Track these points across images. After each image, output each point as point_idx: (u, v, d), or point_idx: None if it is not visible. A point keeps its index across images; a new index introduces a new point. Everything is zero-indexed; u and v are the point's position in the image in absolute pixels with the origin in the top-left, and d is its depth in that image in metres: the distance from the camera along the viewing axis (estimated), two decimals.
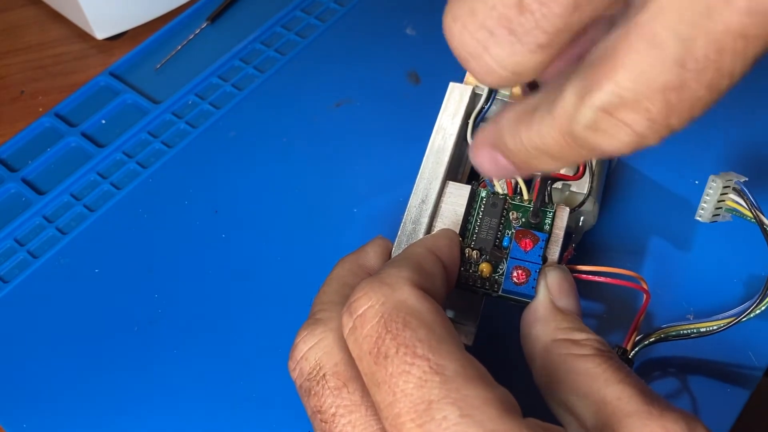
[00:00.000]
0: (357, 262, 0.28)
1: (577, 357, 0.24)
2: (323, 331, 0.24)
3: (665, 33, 0.17)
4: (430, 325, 0.22)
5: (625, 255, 0.37)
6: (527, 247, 0.28)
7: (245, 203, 0.41)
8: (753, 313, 0.29)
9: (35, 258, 0.40)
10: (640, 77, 0.17)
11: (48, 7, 0.54)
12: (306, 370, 0.24)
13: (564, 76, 0.19)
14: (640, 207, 0.39)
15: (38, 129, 0.46)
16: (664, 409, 0.22)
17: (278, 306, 0.37)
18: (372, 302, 0.23)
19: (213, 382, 0.35)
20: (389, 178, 0.41)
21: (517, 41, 0.19)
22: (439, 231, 0.29)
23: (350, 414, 0.23)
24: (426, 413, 0.20)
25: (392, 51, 0.48)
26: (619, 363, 0.24)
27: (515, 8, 0.18)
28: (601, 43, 0.18)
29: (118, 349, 0.36)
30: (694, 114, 0.18)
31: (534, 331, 0.26)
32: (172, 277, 0.38)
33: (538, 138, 0.20)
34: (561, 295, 0.27)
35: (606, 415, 0.22)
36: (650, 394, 0.23)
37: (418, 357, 0.21)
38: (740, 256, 0.36)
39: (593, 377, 0.23)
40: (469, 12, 0.19)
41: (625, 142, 0.18)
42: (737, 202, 0.29)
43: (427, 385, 0.21)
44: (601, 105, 0.18)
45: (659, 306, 0.35)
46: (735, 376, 0.33)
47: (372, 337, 0.22)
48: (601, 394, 0.23)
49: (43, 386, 0.35)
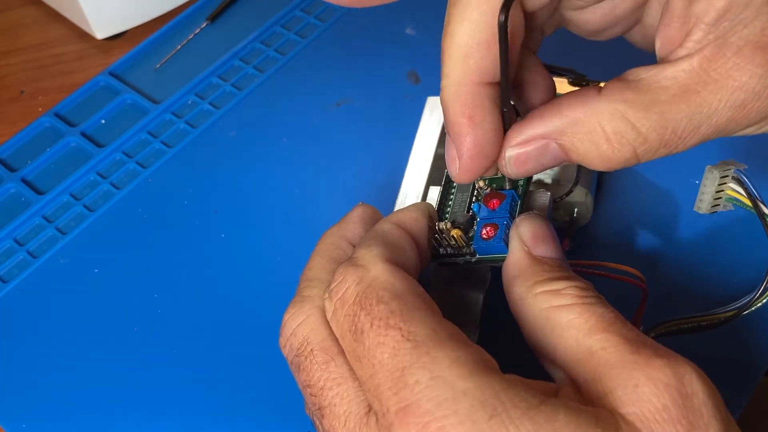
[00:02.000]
0: (339, 234, 0.29)
1: (559, 309, 0.23)
2: (310, 308, 0.25)
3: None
4: (402, 295, 0.23)
5: (622, 249, 0.37)
6: (494, 206, 0.28)
7: (245, 203, 0.41)
8: (754, 305, 0.28)
9: (35, 258, 0.40)
10: None
11: (48, 7, 0.54)
12: (295, 346, 0.25)
13: None
14: (637, 200, 0.39)
15: (38, 129, 0.46)
16: (651, 357, 0.21)
17: (278, 305, 0.37)
18: (348, 284, 0.24)
19: (213, 382, 0.35)
20: (389, 178, 0.41)
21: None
22: (409, 205, 0.29)
23: (338, 386, 0.23)
24: (400, 380, 0.21)
25: (392, 51, 0.48)
26: (602, 309, 0.23)
27: None
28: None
29: (118, 349, 0.36)
30: None
31: (515, 290, 0.25)
32: (172, 277, 0.38)
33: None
34: (537, 243, 0.26)
35: (592, 367, 0.22)
36: (636, 341, 0.22)
37: (391, 327, 0.22)
38: (740, 248, 0.36)
39: (577, 328, 0.22)
40: None
41: None
42: (737, 191, 0.29)
43: (400, 353, 0.21)
44: None
45: (657, 301, 0.35)
46: (735, 376, 0.33)
47: (350, 316, 0.23)
48: (586, 345, 0.22)
49: (43, 386, 0.35)
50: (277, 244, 0.39)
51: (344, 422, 0.23)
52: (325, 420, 0.23)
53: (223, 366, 0.35)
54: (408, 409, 0.20)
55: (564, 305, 0.23)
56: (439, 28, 0.24)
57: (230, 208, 0.41)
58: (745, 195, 0.29)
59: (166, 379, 0.35)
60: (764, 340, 0.34)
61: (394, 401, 0.21)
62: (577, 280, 0.24)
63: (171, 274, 0.39)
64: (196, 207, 0.41)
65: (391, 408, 0.21)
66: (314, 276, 0.27)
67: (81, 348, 0.36)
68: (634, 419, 0.20)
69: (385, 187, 0.40)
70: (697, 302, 0.35)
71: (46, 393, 0.35)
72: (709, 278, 0.36)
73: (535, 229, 0.26)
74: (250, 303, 0.37)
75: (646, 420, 0.20)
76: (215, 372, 0.35)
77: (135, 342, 0.36)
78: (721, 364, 0.33)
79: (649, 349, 0.21)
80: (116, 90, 0.47)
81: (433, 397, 0.20)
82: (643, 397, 0.20)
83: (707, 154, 0.40)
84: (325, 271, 0.27)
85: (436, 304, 0.30)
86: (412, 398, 0.21)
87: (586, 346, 0.22)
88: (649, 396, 0.20)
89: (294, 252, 0.39)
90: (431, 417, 0.20)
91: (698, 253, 0.37)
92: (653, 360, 0.21)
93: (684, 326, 0.30)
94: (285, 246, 0.39)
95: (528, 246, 0.26)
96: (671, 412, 0.20)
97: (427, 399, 0.20)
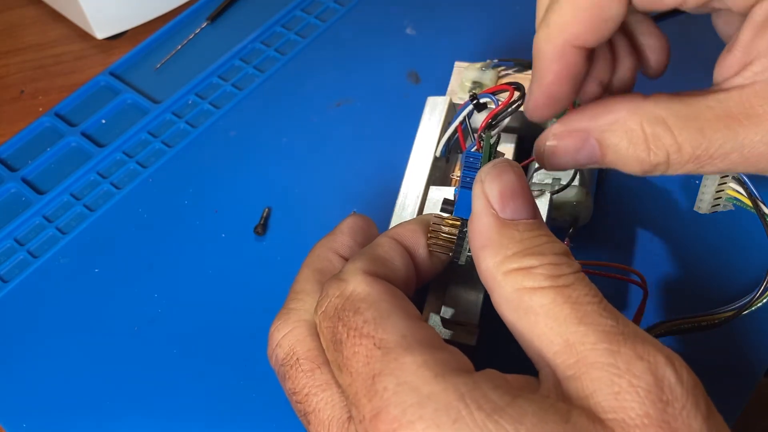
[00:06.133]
0: (327, 246, 0.29)
1: (531, 291, 0.22)
2: (295, 320, 0.26)
3: None
4: (376, 304, 0.23)
5: (623, 250, 0.37)
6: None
7: (245, 203, 0.41)
8: (754, 305, 0.28)
9: (35, 258, 0.40)
10: None
11: (48, 7, 0.54)
12: (281, 357, 0.25)
13: None
14: (637, 200, 0.39)
15: (38, 129, 0.46)
16: (631, 360, 0.20)
17: (278, 305, 0.37)
18: (330, 298, 0.24)
19: (213, 382, 0.35)
20: (389, 178, 0.41)
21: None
22: (414, 218, 0.30)
23: (322, 392, 0.24)
24: (372, 387, 0.21)
25: (392, 51, 0.48)
26: (576, 293, 0.21)
27: None
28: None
29: (118, 349, 0.36)
30: None
31: (484, 264, 0.23)
32: (172, 277, 0.38)
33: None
34: (505, 202, 0.23)
35: (571, 362, 0.21)
36: (614, 335, 0.21)
37: (364, 336, 0.22)
38: (740, 248, 0.36)
39: (552, 317, 0.21)
40: None
41: None
42: (737, 191, 0.29)
43: (371, 361, 0.22)
44: None
45: (657, 301, 0.35)
46: (735, 376, 0.33)
47: (330, 328, 0.23)
48: (563, 337, 0.21)
49: (43, 386, 0.35)
50: (277, 244, 0.39)
51: (328, 427, 0.23)
52: (311, 426, 0.24)
53: (223, 366, 0.35)
54: (378, 416, 0.21)
55: (536, 288, 0.22)
56: (439, 28, 0.24)
57: (230, 208, 0.41)
58: (745, 195, 0.29)
59: (165, 378, 0.35)
60: (764, 340, 0.34)
61: (368, 408, 0.21)
62: (551, 253, 0.22)
63: (171, 274, 0.39)
64: (196, 207, 0.41)
65: (366, 415, 0.21)
66: (300, 288, 0.27)
67: (81, 348, 0.36)
68: (615, 426, 0.20)
69: (385, 187, 0.40)
70: (697, 302, 0.35)
71: (46, 393, 0.35)
72: (709, 278, 0.36)
73: (502, 183, 0.23)
74: (250, 303, 0.37)
75: (627, 427, 0.20)
76: (215, 372, 0.35)
77: (135, 342, 0.36)
78: (721, 364, 0.33)
79: (628, 347, 0.20)
80: (116, 90, 0.47)
81: (399, 403, 0.20)
82: (625, 404, 0.20)
83: None
84: (310, 283, 0.27)
85: (436, 305, 0.30)
86: (381, 405, 0.21)
87: (563, 338, 0.21)
88: (630, 403, 0.20)
89: (294, 252, 0.39)
90: (398, 423, 0.20)
91: (698, 253, 0.37)
92: (634, 364, 0.20)
93: (684, 326, 0.30)
94: (285, 245, 0.39)
95: (495, 207, 0.23)
96: (652, 418, 0.20)
97: (394, 405, 0.20)
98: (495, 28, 0.35)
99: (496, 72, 0.38)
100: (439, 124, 0.36)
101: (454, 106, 0.37)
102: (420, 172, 0.34)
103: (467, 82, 0.38)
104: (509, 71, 0.38)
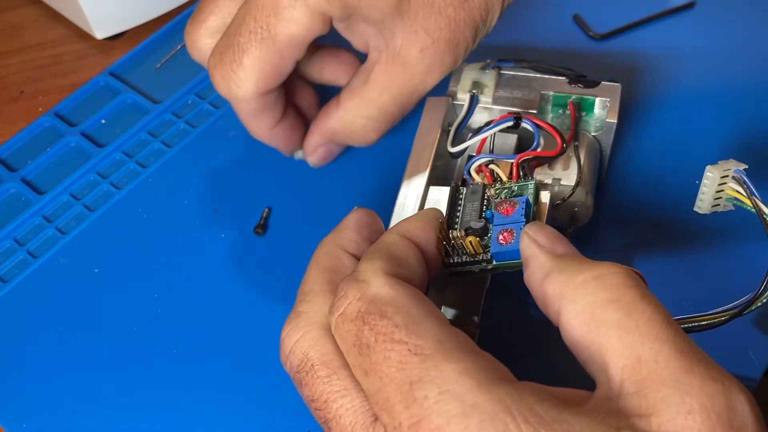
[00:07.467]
0: (334, 242, 0.28)
1: (605, 304, 0.22)
2: (306, 324, 0.25)
3: None
4: (406, 309, 0.23)
5: (623, 250, 0.37)
6: (509, 212, 0.28)
7: (245, 203, 0.41)
8: (754, 305, 0.28)
9: (35, 258, 0.40)
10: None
11: (48, 7, 0.54)
12: (295, 363, 0.25)
13: None
14: (637, 200, 0.39)
15: (38, 129, 0.46)
16: (705, 380, 0.20)
17: (279, 305, 0.37)
18: (349, 299, 0.24)
19: (213, 382, 0.35)
20: (389, 178, 0.41)
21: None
22: (417, 213, 0.29)
23: (342, 398, 0.23)
24: (410, 394, 0.21)
25: None
26: (651, 308, 0.22)
27: None
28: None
29: (118, 349, 0.36)
30: None
31: (550, 290, 0.24)
32: (172, 277, 0.38)
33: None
34: (556, 242, 0.25)
35: (641, 378, 0.20)
36: (689, 354, 0.21)
37: (396, 342, 0.22)
38: (740, 248, 0.36)
39: (625, 330, 0.21)
40: None
41: None
42: (737, 191, 0.29)
43: (407, 367, 0.21)
44: None
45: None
46: (735, 376, 0.33)
47: (353, 332, 0.23)
48: (636, 352, 0.21)
49: (43, 386, 0.35)
50: (277, 244, 0.39)
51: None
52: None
53: (223, 366, 0.35)
54: (420, 425, 0.20)
55: (610, 299, 0.22)
56: None
57: (230, 208, 0.41)
58: (745, 195, 0.29)
59: (166, 378, 0.35)
60: (764, 340, 0.34)
61: (405, 416, 0.21)
62: (618, 268, 0.23)
63: (171, 274, 0.39)
64: (196, 207, 0.41)
65: (404, 423, 0.21)
66: (309, 289, 0.27)
67: (81, 348, 0.36)
68: None
69: (385, 187, 0.40)
70: (697, 302, 0.35)
71: (46, 393, 0.35)
72: (709, 278, 0.36)
73: (546, 232, 0.26)
74: (250, 303, 0.37)
75: None
76: (215, 372, 0.35)
77: (135, 342, 0.36)
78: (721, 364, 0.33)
79: (702, 367, 0.20)
80: (116, 90, 0.47)
81: (443, 413, 0.20)
82: (693, 425, 0.19)
83: (707, 154, 0.40)
84: (319, 283, 0.27)
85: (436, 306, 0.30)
86: (422, 414, 0.20)
87: (635, 353, 0.21)
88: (699, 425, 0.19)
89: (294, 252, 0.39)
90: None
91: (698, 253, 0.37)
92: (708, 385, 0.20)
93: (684, 326, 0.30)
94: (285, 246, 0.39)
95: (547, 247, 0.25)
96: None
97: (437, 414, 0.20)
98: (495, 28, 0.35)
99: (496, 72, 0.38)
100: (439, 124, 0.36)
101: (454, 107, 0.37)
102: (420, 172, 0.34)
103: (467, 82, 0.38)
104: (509, 71, 0.38)
